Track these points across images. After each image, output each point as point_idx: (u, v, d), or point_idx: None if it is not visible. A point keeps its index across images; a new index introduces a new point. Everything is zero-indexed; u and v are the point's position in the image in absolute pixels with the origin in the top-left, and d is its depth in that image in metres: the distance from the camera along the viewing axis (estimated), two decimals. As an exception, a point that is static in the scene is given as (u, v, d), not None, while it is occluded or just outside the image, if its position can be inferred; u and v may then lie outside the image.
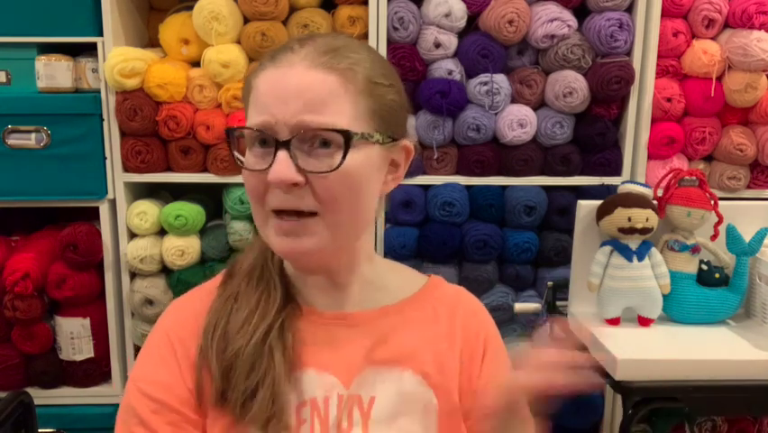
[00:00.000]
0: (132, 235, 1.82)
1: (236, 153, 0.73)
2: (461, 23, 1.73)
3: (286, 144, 0.68)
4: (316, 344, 0.76)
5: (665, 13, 1.74)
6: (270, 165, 0.68)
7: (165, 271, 1.83)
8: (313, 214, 0.70)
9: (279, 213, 0.70)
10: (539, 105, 1.81)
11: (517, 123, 1.76)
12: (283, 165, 0.67)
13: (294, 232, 0.70)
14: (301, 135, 0.68)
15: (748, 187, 1.85)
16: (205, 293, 0.80)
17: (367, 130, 0.71)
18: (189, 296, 0.82)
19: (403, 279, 0.86)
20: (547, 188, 1.82)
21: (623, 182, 1.58)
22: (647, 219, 1.44)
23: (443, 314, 0.83)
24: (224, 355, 0.72)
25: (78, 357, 1.82)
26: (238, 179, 1.78)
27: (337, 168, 0.68)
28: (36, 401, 1.43)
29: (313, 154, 0.69)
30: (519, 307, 1.69)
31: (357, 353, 0.77)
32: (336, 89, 0.69)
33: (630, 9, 1.76)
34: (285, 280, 0.79)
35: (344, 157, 0.68)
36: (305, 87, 0.68)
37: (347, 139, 0.68)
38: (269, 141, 0.69)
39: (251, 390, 0.70)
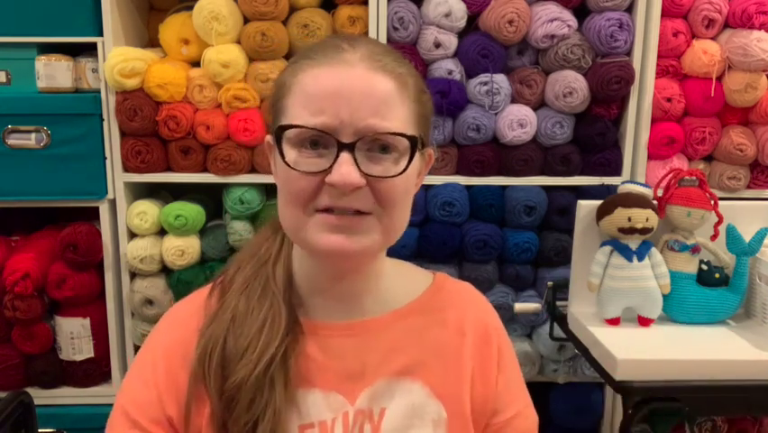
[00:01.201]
0: (132, 235, 1.82)
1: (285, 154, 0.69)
2: (461, 23, 1.73)
3: (350, 147, 0.66)
4: (323, 361, 0.75)
5: (665, 13, 1.74)
6: (330, 167, 0.66)
7: (165, 271, 1.83)
8: (367, 213, 0.69)
9: (329, 209, 0.68)
10: (539, 105, 1.81)
11: (517, 123, 1.76)
12: (349, 168, 0.66)
13: (349, 228, 0.68)
14: (367, 139, 0.67)
15: (748, 187, 1.85)
16: (196, 307, 0.78)
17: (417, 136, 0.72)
18: (182, 311, 0.80)
19: (408, 280, 0.84)
20: (547, 188, 1.82)
21: (623, 182, 1.58)
22: (647, 219, 1.44)
23: (452, 316, 0.82)
24: (225, 385, 0.71)
25: (78, 357, 1.82)
26: (238, 179, 1.78)
27: (403, 172, 0.69)
28: (36, 401, 1.43)
29: (373, 158, 0.68)
30: (519, 307, 1.69)
31: (366, 364, 0.76)
32: (395, 94, 0.69)
33: (630, 9, 1.76)
34: (289, 296, 0.77)
35: (410, 162, 0.69)
36: (370, 90, 0.67)
37: (413, 145, 0.69)
38: (327, 142, 0.67)
39: (252, 423, 0.70)
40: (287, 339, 0.73)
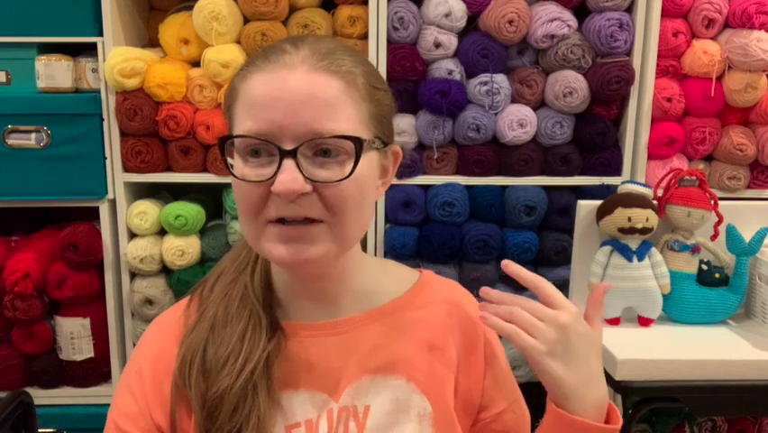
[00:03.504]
0: (132, 235, 1.82)
1: (230, 161, 0.69)
2: (461, 23, 1.73)
3: (292, 153, 0.65)
4: (307, 362, 0.75)
5: (665, 13, 1.74)
6: (274, 175, 0.65)
7: (165, 271, 1.83)
8: (318, 221, 0.68)
9: (280, 220, 0.67)
10: (539, 105, 1.81)
11: (517, 123, 1.76)
12: (291, 175, 0.64)
13: (300, 238, 0.67)
14: (309, 143, 0.65)
15: (748, 187, 1.85)
16: (177, 318, 0.78)
17: (369, 136, 0.69)
18: (163, 322, 0.80)
19: (393, 278, 0.84)
20: (547, 188, 1.82)
21: (623, 182, 1.58)
22: (647, 219, 1.44)
23: (437, 313, 0.81)
24: (206, 395, 0.70)
25: (78, 357, 1.82)
26: (238, 179, 1.77)
27: (348, 176, 0.66)
28: (36, 401, 1.43)
29: (318, 162, 0.66)
30: (519, 307, 1.68)
31: (349, 362, 0.76)
32: (341, 94, 0.67)
33: (630, 9, 1.76)
34: (269, 300, 0.76)
35: (356, 165, 0.67)
36: (310, 92, 0.65)
37: (359, 147, 0.67)
38: (269, 150, 0.66)
39: (236, 431, 0.69)
40: (269, 346, 0.72)
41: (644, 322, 1.48)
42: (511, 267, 0.73)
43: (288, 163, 0.65)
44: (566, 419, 0.69)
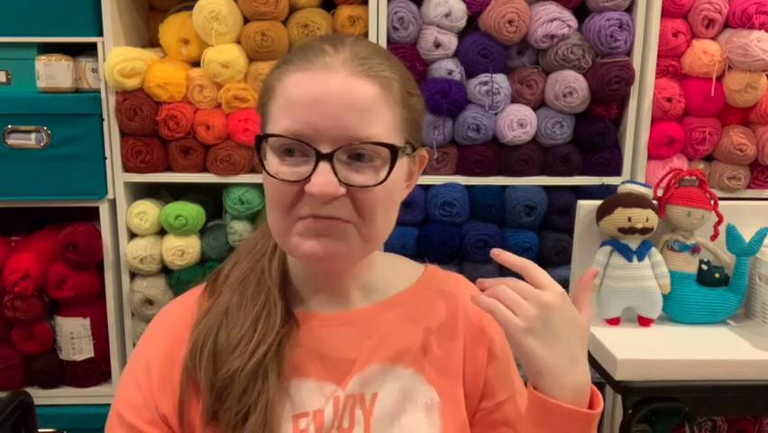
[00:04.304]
0: (132, 235, 1.82)
1: (264, 161, 0.70)
2: (461, 23, 1.73)
3: (328, 157, 0.65)
4: (317, 351, 0.76)
5: (665, 13, 1.74)
6: (309, 176, 0.66)
7: (165, 271, 1.83)
8: (347, 222, 0.69)
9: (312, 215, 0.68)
10: (539, 105, 1.81)
11: (517, 123, 1.76)
12: (327, 178, 0.65)
13: (329, 233, 0.68)
14: (346, 148, 0.66)
15: (748, 187, 1.86)
16: (189, 306, 0.78)
17: (401, 142, 0.70)
18: (173, 311, 0.80)
19: (400, 271, 0.85)
20: (547, 188, 1.82)
21: (623, 182, 1.58)
22: (647, 219, 1.44)
23: (443, 305, 0.82)
24: (216, 376, 0.71)
25: (78, 357, 1.82)
26: (238, 179, 1.78)
27: (382, 182, 0.67)
28: (36, 401, 1.43)
29: (353, 166, 0.67)
30: (519, 307, 1.68)
31: (358, 352, 0.76)
32: (378, 99, 0.67)
33: (630, 9, 1.76)
34: (284, 289, 0.77)
35: (390, 172, 0.68)
36: (350, 96, 0.66)
37: (394, 154, 0.68)
38: (306, 150, 0.66)
39: (244, 413, 0.69)
40: (282, 331, 0.73)
41: (644, 322, 1.48)
42: (501, 255, 0.75)
43: (324, 166, 0.65)
44: (541, 401, 0.70)
